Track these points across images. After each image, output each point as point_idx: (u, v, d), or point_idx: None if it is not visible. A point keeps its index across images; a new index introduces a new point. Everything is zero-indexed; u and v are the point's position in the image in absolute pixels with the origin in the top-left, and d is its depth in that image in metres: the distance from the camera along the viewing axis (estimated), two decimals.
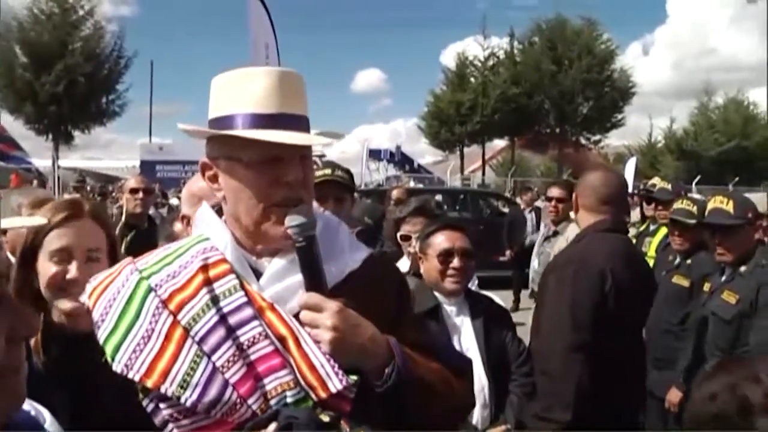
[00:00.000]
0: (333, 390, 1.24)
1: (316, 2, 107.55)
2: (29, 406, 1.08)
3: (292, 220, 1.34)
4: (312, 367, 1.25)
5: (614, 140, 41.46)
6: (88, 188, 15.35)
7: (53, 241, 1.85)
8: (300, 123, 1.41)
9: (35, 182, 20.18)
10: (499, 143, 43.77)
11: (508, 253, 12.02)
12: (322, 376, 1.25)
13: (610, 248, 2.95)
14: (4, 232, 2.83)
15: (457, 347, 2.70)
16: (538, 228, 10.70)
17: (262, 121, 1.36)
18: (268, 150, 1.34)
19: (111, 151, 57.53)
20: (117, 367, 1.26)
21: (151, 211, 6.26)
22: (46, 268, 1.84)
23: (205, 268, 1.33)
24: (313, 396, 1.25)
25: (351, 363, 1.28)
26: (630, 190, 18.45)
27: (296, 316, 1.31)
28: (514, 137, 39.97)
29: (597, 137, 39.82)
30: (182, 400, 1.23)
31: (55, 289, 1.80)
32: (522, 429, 2.68)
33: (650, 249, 5.60)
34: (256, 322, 1.28)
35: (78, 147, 34.42)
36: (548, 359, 2.74)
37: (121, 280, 1.37)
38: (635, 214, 9.47)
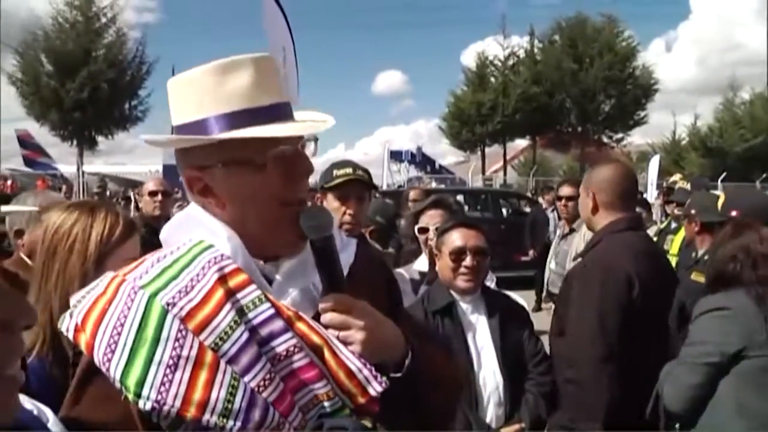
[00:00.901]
0: (373, 394, 1.19)
1: (336, 4, 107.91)
2: (32, 405, 1.08)
3: (311, 220, 1.25)
4: (350, 374, 1.19)
5: (637, 138, 41.15)
6: (109, 193, 15.53)
7: (128, 251, 1.92)
8: (289, 111, 1.32)
9: (64, 187, 20.48)
10: (521, 143, 43.66)
11: (530, 252, 11.94)
12: (362, 382, 1.18)
13: (634, 250, 2.85)
14: (21, 234, 2.87)
15: (472, 345, 2.69)
16: None
17: (263, 115, 1.25)
18: (274, 145, 1.24)
19: (134, 156, 58.32)
20: (146, 404, 1.09)
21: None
22: None
23: (222, 279, 1.18)
24: (350, 403, 1.19)
25: (379, 360, 1.23)
26: (654, 188, 18.30)
27: (315, 319, 1.24)
28: (536, 137, 39.79)
29: (619, 135, 39.46)
30: (228, 428, 1.10)
31: None
32: (538, 429, 2.66)
33: (673, 247, 5.53)
34: (289, 334, 1.17)
35: (102, 152, 34.98)
36: (577, 369, 2.66)
37: (123, 301, 1.17)
38: (658, 212, 9.39)
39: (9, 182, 23.02)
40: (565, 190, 5.99)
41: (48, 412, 1.10)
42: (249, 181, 1.25)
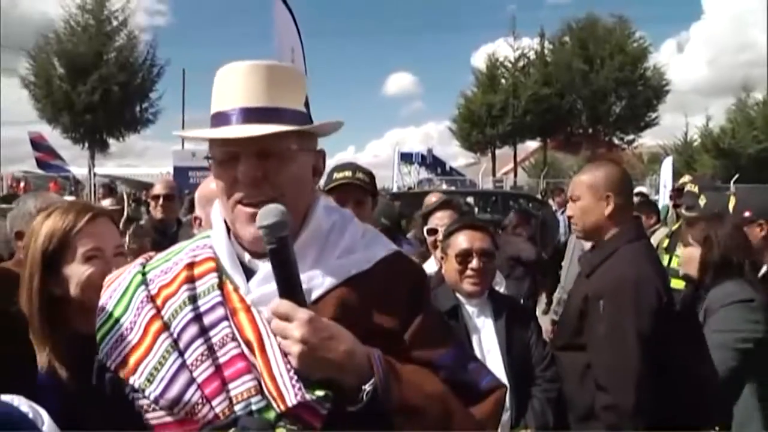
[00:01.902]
0: (289, 403, 1.16)
1: (346, 6, 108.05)
2: (28, 407, 1.07)
3: (261, 220, 1.24)
4: (272, 377, 1.19)
5: (648, 140, 40.92)
6: (119, 195, 15.57)
7: (84, 242, 1.86)
8: (271, 115, 1.32)
9: (96, 190, 20.56)
10: (531, 144, 43.58)
11: (542, 254, 11.86)
12: (280, 387, 1.18)
13: (651, 259, 2.76)
14: (21, 236, 2.87)
15: (477, 349, 2.65)
16: (570, 230, 10.53)
17: (233, 117, 1.32)
18: (225, 148, 1.33)
19: (146, 159, 58.49)
20: (100, 355, 1.31)
21: (185, 216, 6.24)
22: (79, 271, 1.85)
23: (191, 265, 1.36)
24: (275, 407, 1.18)
25: (322, 377, 1.19)
26: (668, 190, 18.16)
27: None
28: (546, 138, 39.71)
29: (631, 137, 39.39)
30: (147, 393, 1.24)
31: (92, 290, 1.67)
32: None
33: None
34: (225, 323, 1.26)
35: (114, 155, 35.22)
36: (616, 395, 2.51)
37: (123, 275, 1.41)
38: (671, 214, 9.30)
39: (22, 184, 23.19)
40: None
41: (44, 415, 1.08)
42: (216, 175, 1.37)
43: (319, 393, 1.18)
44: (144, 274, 1.39)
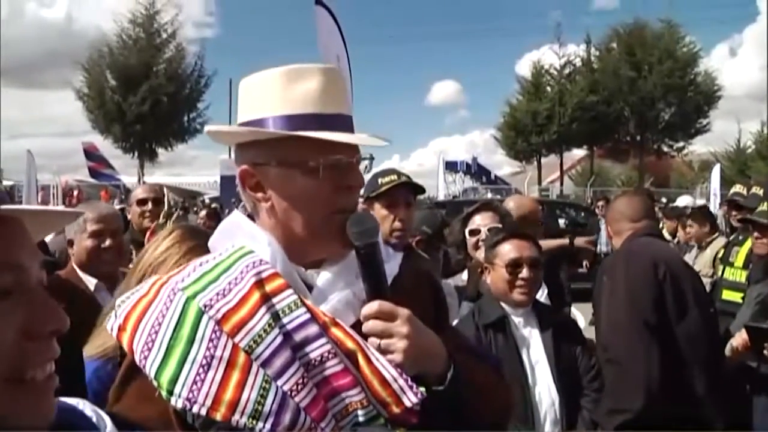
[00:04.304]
0: (408, 404, 1.17)
1: (391, 15, 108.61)
2: (91, 411, 1.08)
3: (357, 226, 1.26)
4: (385, 383, 1.17)
5: (699, 147, 39.91)
6: (169, 204, 15.86)
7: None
8: (351, 124, 1.35)
9: (117, 199, 21.08)
10: (578, 153, 42.97)
11: (584, 264, 11.70)
12: (396, 391, 1.16)
13: (656, 245, 3.11)
14: (71, 243, 2.94)
15: (526, 360, 2.61)
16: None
17: (326, 122, 1.28)
18: (331, 153, 1.27)
19: (195, 168, 59.59)
20: (177, 402, 1.11)
21: None
22: None
23: (259, 284, 1.19)
24: (385, 412, 1.18)
25: (420, 370, 1.22)
26: (717, 198, 17.71)
27: (354, 328, 1.23)
28: (593, 146, 39.08)
29: (680, 144, 38.45)
30: (256, 431, 1.11)
31: None
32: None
33: (738, 259, 5.27)
34: (323, 340, 1.17)
35: (162, 164, 35.97)
36: (612, 345, 2.78)
37: (162, 302, 1.20)
38: (722, 222, 9.04)
39: (75, 192, 23.83)
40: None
41: (107, 419, 1.09)
42: (301, 183, 1.28)
43: (422, 389, 1.20)
44: (192, 298, 1.19)
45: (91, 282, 2.88)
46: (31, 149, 16.22)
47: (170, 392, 1.11)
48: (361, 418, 1.17)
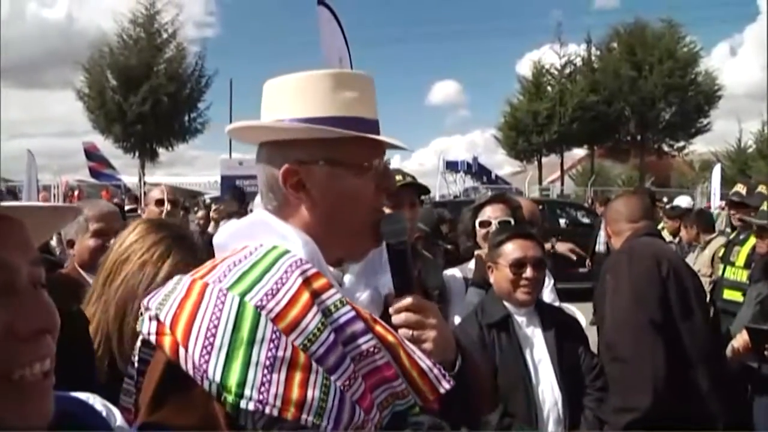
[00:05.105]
0: (442, 391, 1.24)
1: (390, 15, 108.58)
2: (101, 405, 1.08)
3: (391, 225, 1.33)
4: (422, 373, 1.23)
5: (700, 146, 39.91)
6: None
7: None
8: (379, 129, 1.42)
9: (120, 198, 21.07)
10: (579, 152, 42.94)
11: (587, 263, 11.72)
12: (432, 380, 1.23)
13: (657, 244, 3.18)
14: (72, 244, 2.92)
15: (529, 359, 2.62)
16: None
17: (370, 126, 1.36)
18: (376, 156, 1.35)
19: (195, 168, 59.59)
20: (249, 404, 1.10)
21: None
22: None
23: (307, 282, 1.20)
24: (420, 401, 1.24)
25: (441, 358, 1.28)
26: (718, 198, 17.70)
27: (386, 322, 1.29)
28: (594, 146, 39.07)
29: (681, 144, 38.46)
30: (321, 429, 1.12)
31: None
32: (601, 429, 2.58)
33: (739, 259, 5.27)
34: (369, 335, 1.20)
35: (163, 164, 35.96)
36: (619, 344, 2.77)
37: (213, 303, 1.17)
38: (723, 222, 9.04)
39: (76, 192, 23.80)
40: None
41: (116, 413, 1.10)
42: (350, 183, 1.32)
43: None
44: (243, 297, 1.17)
45: None
46: (31, 149, 16.20)
47: (239, 395, 1.10)
48: (400, 408, 1.23)
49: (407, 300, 1.30)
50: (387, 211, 1.43)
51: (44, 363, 0.86)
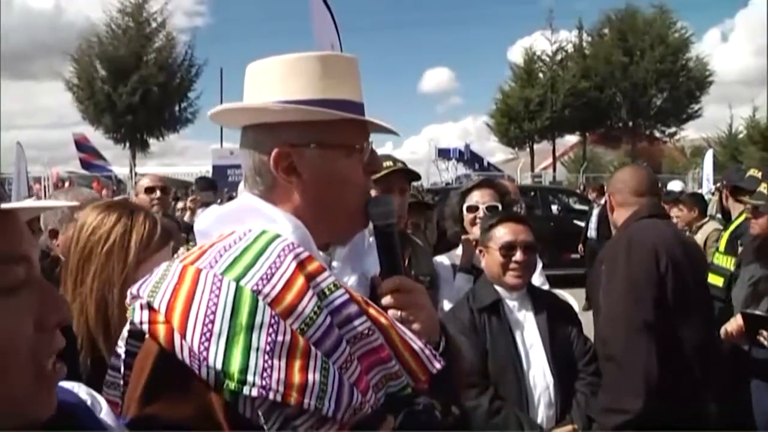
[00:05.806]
0: (433, 371, 1.24)
1: (382, 3, 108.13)
2: (86, 394, 1.07)
3: (379, 206, 1.34)
4: (414, 354, 1.23)
5: (691, 132, 40.06)
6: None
7: (163, 258, 1.89)
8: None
9: (105, 190, 20.96)
10: (571, 139, 43.02)
11: (579, 248, 11.77)
12: (423, 361, 1.23)
13: (658, 230, 2.93)
14: (55, 234, 2.87)
15: (520, 344, 2.61)
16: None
17: (358, 109, 1.35)
18: (366, 139, 1.35)
19: (186, 158, 59.45)
20: (252, 390, 1.08)
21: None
22: None
23: (301, 266, 1.18)
24: (412, 382, 1.23)
25: (428, 338, 1.29)
26: (711, 183, 17.78)
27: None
28: (586, 132, 39.16)
29: (672, 130, 38.60)
30: (323, 412, 1.11)
31: None
32: (590, 428, 2.57)
33: (721, 244, 5.29)
34: (363, 318, 1.19)
35: (154, 154, 35.83)
36: (612, 342, 2.68)
37: (208, 289, 1.14)
38: (714, 207, 9.08)
39: (67, 184, 23.68)
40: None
41: (102, 402, 1.09)
42: (342, 165, 1.31)
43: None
44: (238, 282, 1.15)
45: None
46: (21, 141, 16.12)
47: (242, 382, 1.08)
48: (393, 389, 1.22)
49: (396, 281, 1.30)
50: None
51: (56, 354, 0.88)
